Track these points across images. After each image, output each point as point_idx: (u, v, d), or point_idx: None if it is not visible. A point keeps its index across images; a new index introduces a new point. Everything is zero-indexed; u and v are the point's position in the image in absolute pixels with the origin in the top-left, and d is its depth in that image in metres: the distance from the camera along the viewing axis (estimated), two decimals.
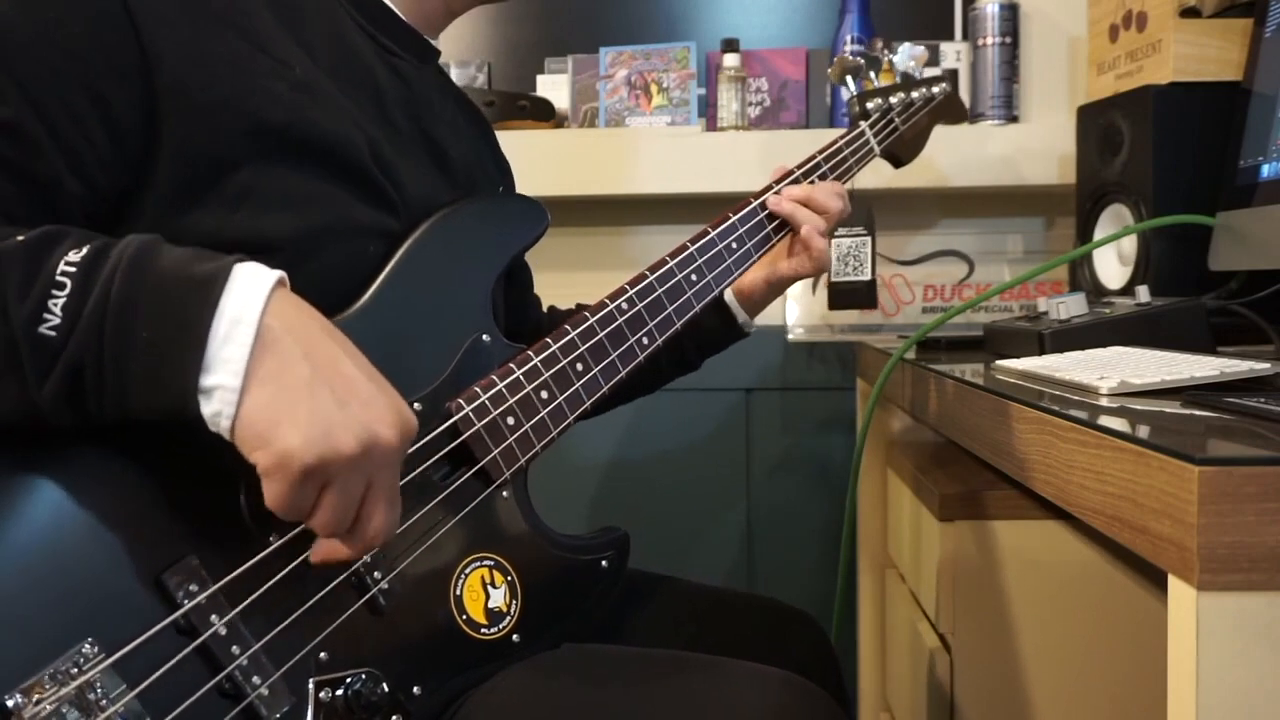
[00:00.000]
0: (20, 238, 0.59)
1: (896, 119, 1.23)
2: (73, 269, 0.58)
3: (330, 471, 0.59)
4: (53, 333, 0.57)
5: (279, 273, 0.62)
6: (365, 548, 0.64)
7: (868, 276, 1.27)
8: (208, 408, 0.58)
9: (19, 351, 0.56)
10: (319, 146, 0.72)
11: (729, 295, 1.13)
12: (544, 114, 1.73)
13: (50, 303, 0.57)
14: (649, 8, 1.85)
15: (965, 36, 1.76)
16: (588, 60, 1.76)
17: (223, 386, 0.57)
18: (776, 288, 1.13)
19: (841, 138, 1.16)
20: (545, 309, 1.15)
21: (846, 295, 1.28)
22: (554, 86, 1.78)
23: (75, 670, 0.57)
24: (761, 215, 1.05)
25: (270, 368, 0.58)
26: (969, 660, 1.10)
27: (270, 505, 0.59)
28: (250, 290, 0.59)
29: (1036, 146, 1.65)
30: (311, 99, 0.73)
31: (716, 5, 1.85)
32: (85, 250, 0.59)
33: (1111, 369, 0.81)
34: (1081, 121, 1.44)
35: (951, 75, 1.69)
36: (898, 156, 1.26)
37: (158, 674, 0.60)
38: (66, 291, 0.57)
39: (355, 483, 0.61)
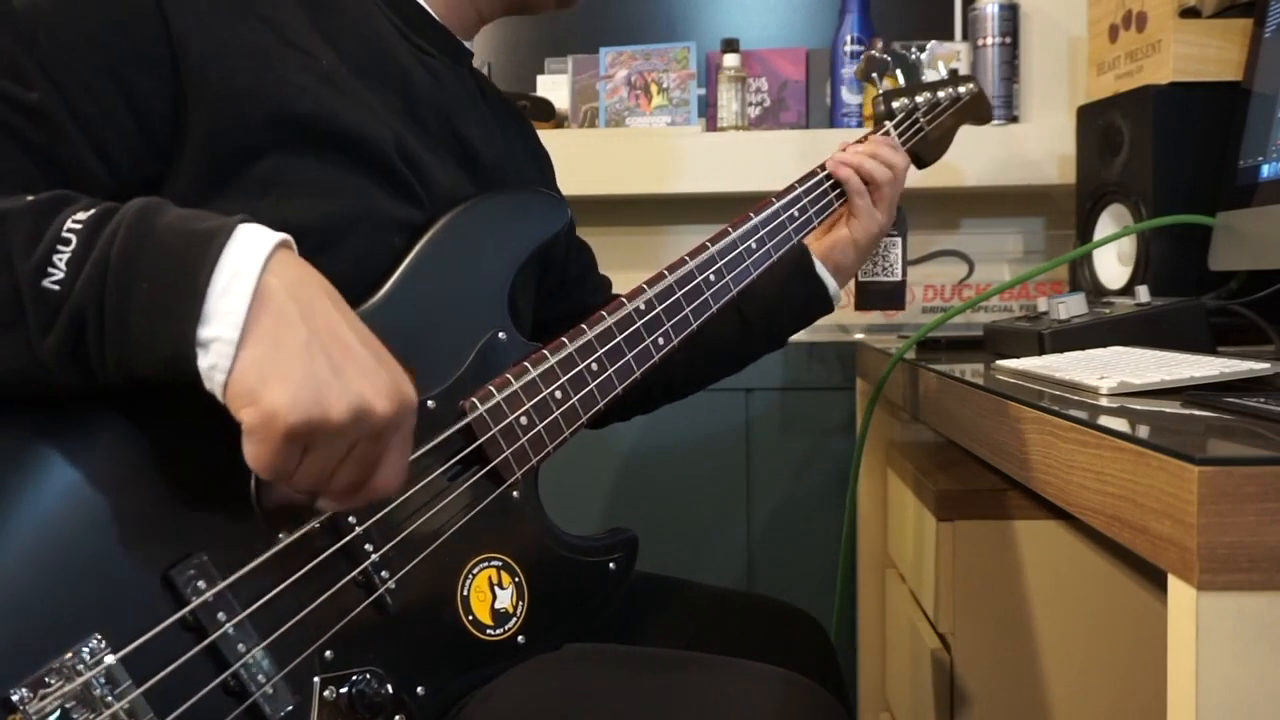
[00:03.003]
0: (29, 198, 0.59)
1: (921, 119, 1.22)
2: (79, 226, 0.58)
3: (316, 435, 0.58)
4: (56, 286, 0.57)
5: (283, 235, 0.61)
6: (310, 493, 0.62)
7: (897, 277, 1.26)
8: (204, 360, 0.57)
9: (23, 305, 0.57)
10: (343, 138, 0.73)
11: (819, 266, 1.14)
12: (544, 114, 1.73)
13: (55, 257, 0.57)
14: (649, 8, 1.85)
15: (965, 36, 1.76)
16: (588, 60, 1.76)
17: (220, 339, 0.57)
18: (863, 248, 1.15)
19: (867, 137, 1.16)
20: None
21: (875, 295, 1.27)
22: (554, 86, 1.78)
23: (81, 665, 0.58)
24: (783, 216, 1.05)
25: (267, 325, 0.58)
26: (969, 660, 1.10)
27: (250, 463, 0.58)
28: (252, 247, 0.59)
29: (1036, 146, 1.65)
30: (336, 92, 0.73)
31: (716, 5, 1.85)
32: (93, 211, 0.59)
33: (1111, 369, 0.81)
34: (1081, 121, 1.44)
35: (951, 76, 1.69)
36: (921, 157, 1.24)
37: (164, 672, 0.60)
38: (71, 247, 0.57)
39: (339, 449, 0.60)
